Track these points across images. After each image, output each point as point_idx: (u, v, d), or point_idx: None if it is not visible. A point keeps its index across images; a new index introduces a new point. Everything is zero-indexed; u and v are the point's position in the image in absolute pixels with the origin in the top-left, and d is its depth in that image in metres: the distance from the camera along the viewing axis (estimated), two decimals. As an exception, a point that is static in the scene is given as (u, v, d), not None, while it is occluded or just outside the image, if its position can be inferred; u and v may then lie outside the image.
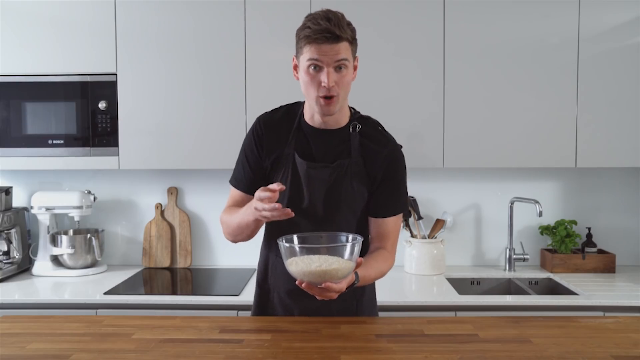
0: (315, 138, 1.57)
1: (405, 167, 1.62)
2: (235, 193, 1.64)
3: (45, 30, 2.44)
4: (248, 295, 1.77)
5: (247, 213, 1.46)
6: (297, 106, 1.62)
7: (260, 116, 1.62)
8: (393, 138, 1.61)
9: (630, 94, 2.42)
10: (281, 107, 1.64)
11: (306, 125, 1.58)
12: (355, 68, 1.50)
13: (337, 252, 1.33)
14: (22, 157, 2.48)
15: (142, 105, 2.46)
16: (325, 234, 1.43)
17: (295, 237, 1.41)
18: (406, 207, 1.65)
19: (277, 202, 1.34)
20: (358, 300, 1.65)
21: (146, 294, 2.36)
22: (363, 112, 1.64)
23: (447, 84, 2.44)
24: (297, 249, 1.34)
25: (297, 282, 1.32)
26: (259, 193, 1.35)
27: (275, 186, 1.34)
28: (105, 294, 2.27)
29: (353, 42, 1.46)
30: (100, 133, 2.46)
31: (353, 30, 1.45)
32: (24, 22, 2.44)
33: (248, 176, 1.60)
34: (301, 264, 1.31)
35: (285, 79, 2.42)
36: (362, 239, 1.35)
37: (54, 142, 2.47)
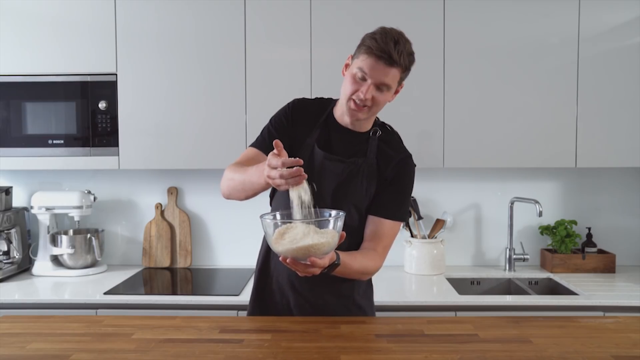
0: (338, 135, 1.62)
1: (413, 180, 1.66)
2: (250, 151, 1.63)
3: (45, 30, 2.44)
4: (248, 295, 1.77)
5: (257, 174, 1.40)
6: (329, 102, 1.68)
7: (296, 99, 1.68)
8: (409, 152, 1.67)
9: (630, 94, 2.42)
10: (316, 98, 1.70)
11: (333, 121, 1.64)
12: (396, 92, 1.56)
13: (320, 227, 1.30)
14: (22, 157, 2.48)
15: (142, 105, 2.46)
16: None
17: (277, 214, 1.40)
18: (405, 219, 1.67)
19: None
20: (354, 296, 1.65)
21: (146, 294, 2.36)
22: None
23: (447, 84, 2.44)
24: (280, 224, 1.31)
25: (280, 259, 1.31)
26: (271, 156, 1.30)
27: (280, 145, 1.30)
28: (105, 294, 2.27)
29: (405, 70, 1.51)
30: (100, 133, 2.46)
31: (411, 61, 1.51)
32: (24, 22, 2.44)
33: (272, 137, 1.60)
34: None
35: (285, 79, 2.43)
36: (345, 214, 1.33)
37: (54, 142, 2.47)
